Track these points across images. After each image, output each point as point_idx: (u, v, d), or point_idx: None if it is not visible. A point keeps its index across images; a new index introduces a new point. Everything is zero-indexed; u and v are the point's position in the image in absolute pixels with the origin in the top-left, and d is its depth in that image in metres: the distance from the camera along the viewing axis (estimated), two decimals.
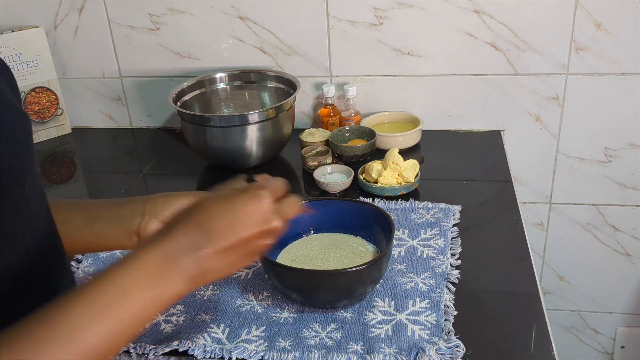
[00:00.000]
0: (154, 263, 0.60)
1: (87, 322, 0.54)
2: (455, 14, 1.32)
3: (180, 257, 0.61)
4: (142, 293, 0.58)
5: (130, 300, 0.57)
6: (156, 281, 0.59)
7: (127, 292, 0.58)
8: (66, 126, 1.57)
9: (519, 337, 0.83)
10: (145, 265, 0.60)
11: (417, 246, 1.01)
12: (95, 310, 0.55)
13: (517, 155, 1.41)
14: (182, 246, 0.61)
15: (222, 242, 0.63)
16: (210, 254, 0.62)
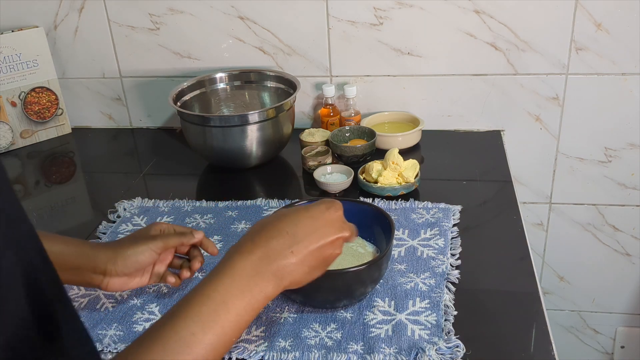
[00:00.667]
0: (248, 271, 0.64)
1: (193, 336, 0.58)
2: (455, 14, 1.32)
3: (270, 263, 0.65)
4: (240, 301, 0.63)
5: (230, 310, 0.62)
6: (251, 288, 0.64)
7: (227, 302, 0.62)
8: (66, 126, 1.57)
9: (519, 337, 0.83)
10: (240, 273, 0.64)
11: (417, 246, 1.01)
12: (200, 324, 0.59)
13: (517, 155, 1.41)
14: (271, 251, 0.66)
15: (306, 246, 0.67)
16: (295, 257, 0.66)
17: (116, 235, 1.10)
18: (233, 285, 0.63)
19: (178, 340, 0.57)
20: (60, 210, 1.26)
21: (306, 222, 0.69)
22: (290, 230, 0.68)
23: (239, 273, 0.64)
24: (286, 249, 0.66)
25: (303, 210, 0.71)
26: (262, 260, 0.65)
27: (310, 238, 0.68)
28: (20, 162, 1.46)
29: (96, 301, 0.94)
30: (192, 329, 0.59)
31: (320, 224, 0.69)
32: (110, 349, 0.84)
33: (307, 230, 0.68)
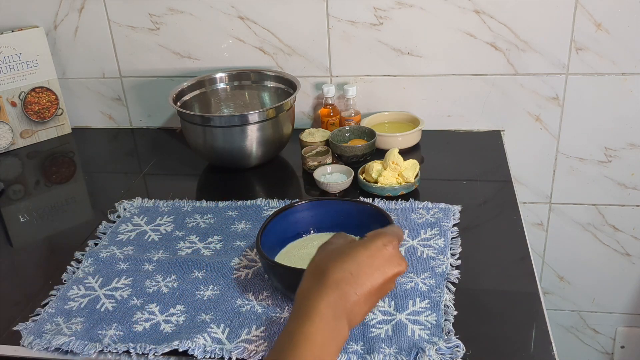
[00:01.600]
0: (331, 314, 0.64)
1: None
2: (455, 14, 1.32)
3: (344, 306, 0.65)
4: (331, 347, 0.64)
5: (327, 351, 0.63)
6: (337, 331, 0.64)
7: (325, 345, 0.63)
8: (66, 126, 1.57)
9: (519, 337, 0.83)
10: (325, 318, 0.64)
11: (417, 246, 1.01)
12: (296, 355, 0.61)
13: (517, 155, 1.41)
14: (342, 294, 0.66)
15: (369, 288, 0.67)
16: (360, 300, 0.66)
17: (116, 235, 1.10)
18: (324, 329, 0.64)
19: None
20: (60, 210, 1.26)
21: (367, 261, 0.69)
22: (354, 271, 0.67)
23: (325, 319, 0.64)
24: (352, 291, 0.66)
25: (362, 249, 0.70)
26: (337, 302, 0.65)
27: (371, 279, 0.68)
28: (20, 162, 1.46)
29: (96, 301, 0.94)
30: None
31: (379, 262, 0.69)
32: (110, 349, 0.84)
33: (368, 271, 0.68)
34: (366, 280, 0.67)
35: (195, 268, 0.99)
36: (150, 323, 0.89)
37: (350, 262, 0.68)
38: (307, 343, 0.62)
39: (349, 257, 0.69)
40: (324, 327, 0.63)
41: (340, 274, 0.67)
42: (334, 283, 0.66)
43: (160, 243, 1.07)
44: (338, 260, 0.68)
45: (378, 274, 0.68)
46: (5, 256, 1.11)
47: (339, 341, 0.65)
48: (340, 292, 0.66)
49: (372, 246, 0.70)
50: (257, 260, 1.00)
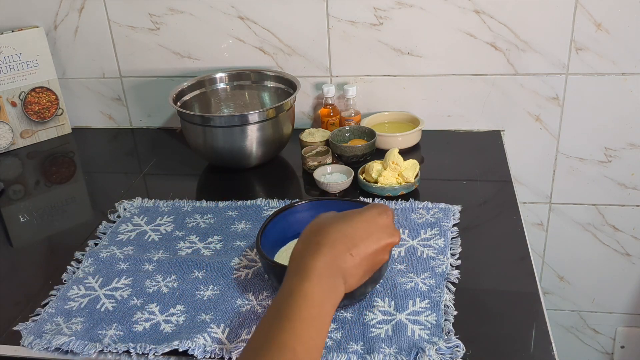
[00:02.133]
0: (328, 272, 0.66)
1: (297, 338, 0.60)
2: (455, 14, 1.32)
3: (339, 264, 0.67)
4: (328, 304, 0.65)
5: (324, 309, 0.64)
6: (333, 288, 0.66)
7: (323, 302, 0.64)
8: (66, 126, 1.57)
9: (519, 337, 0.83)
10: (322, 276, 0.65)
11: (417, 246, 1.01)
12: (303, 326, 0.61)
13: (517, 155, 1.41)
14: (337, 253, 0.67)
15: (363, 250, 0.69)
16: (354, 261, 0.68)
17: (116, 235, 1.10)
18: (321, 286, 0.65)
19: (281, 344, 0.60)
20: (60, 210, 1.26)
21: (362, 225, 0.71)
22: (349, 233, 0.69)
23: (322, 276, 0.65)
24: (346, 251, 0.68)
25: (358, 214, 0.72)
26: (333, 261, 0.67)
27: (366, 242, 0.69)
28: (20, 162, 1.46)
29: (96, 301, 0.94)
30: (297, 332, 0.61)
31: (374, 228, 0.71)
32: (110, 349, 0.84)
33: (363, 235, 0.70)
34: (360, 242, 0.69)
35: (195, 268, 0.99)
36: (150, 323, 0.89)
37: (346, 225, 0.70)
38: (306, 300, 0.63)
39: (344, 220, 0.71)
40: (322, 285, 0.64)
41: (336, 234, 0.69)
42: (329, 242, 0.68)
43: (160, 243, 1.07)
44: (334, 223, 0.70)
45: (372, 239, 0.70)
46: (5, 256, 1.11)
47: (336, 299, 0.66)
48: (336, 252, 0.67)
49: (367, 213, 0.72)
50: (257, 260, 1.00)
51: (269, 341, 0.60)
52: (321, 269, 0.66)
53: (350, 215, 0.72)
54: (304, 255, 0.68)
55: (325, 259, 0.66)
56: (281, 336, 0.60)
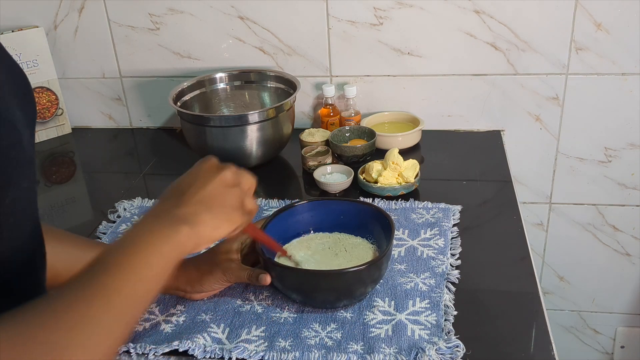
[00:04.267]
0: (151, 219, 0.65)
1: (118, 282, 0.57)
2: (455, 14, 1.32)
3: (170, 210, 0.66)
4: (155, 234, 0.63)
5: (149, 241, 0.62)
6: (160, 227, 0.64)
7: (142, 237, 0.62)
8: (66, 126, 1.57)
9: (519, 337, 0.83)
10: (145, 221, 0.65)
11: (417, 246, 1.01)
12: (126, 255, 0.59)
13: (517, 155, 1.41)
14: (165, 207, 0.67)
15: (193, 193, 0.68)
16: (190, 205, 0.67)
17: (116, 235, 1.10)
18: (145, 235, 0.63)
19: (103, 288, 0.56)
20: (60, 210, 1.26)
21: (184, 177, 0.72)
22: (175, 188, 0.70)
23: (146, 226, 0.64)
24: (178, 201, 0.68)
25: (185, 173, 0.74)
26: (159, 214, 0.66)
27: (194, 186, 0.69)
28: None
29: None
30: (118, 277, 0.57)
31: (198, 173, 0.71)
32: None
33: (188, 181, 0.70)
34: (188, 188, 0.69)
35: None
36: (150, 323, 0.89)
37: (171, 185, 0.72)
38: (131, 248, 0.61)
39: (172, 183, 0.72)
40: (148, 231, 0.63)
41: (162, 197, 0.70)
42: (160, 200, 0.69)
43: None
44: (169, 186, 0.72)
45: (199, 181, 0.70)
46: None
47: (175, 241, 0.63)
48: (162, 206, 0.67)
49: (193, 167, 0.73)
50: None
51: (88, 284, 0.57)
52: (147, 219, 0.65)
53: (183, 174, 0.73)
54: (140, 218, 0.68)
55: (152, 212, 0.67)
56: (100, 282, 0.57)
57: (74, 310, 0.53)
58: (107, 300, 0.55)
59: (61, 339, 0.50)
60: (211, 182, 0.70)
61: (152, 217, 0.66)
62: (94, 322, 0.53)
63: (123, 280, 0.57)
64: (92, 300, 0.54)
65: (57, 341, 0.50)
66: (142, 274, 0.59)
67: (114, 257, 0.59)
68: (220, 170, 0.72)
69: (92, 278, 0.57)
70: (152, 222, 0.65)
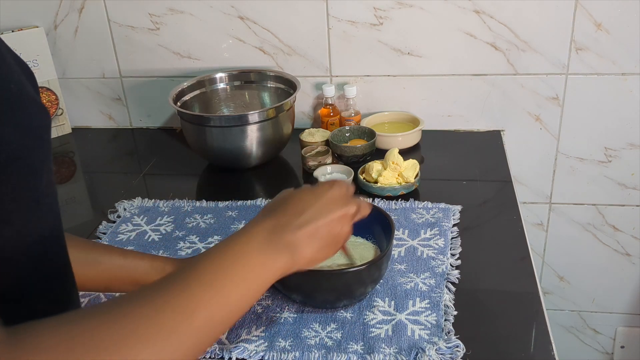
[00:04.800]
0: (262, 236, 0.63)
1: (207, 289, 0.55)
2: (455, 14, 1.32)
3: (282, 234, 0.64)
4: (255, 260, 0.61)
5: (245, 264, 0.60)
6: (265, 251, 0.62)
7: (241, 257, 0.60)
8: (66, 126, 1.57)
9: (519, 337, 0.83)
10: (254, 236, 0.63)
11: (417, 246, 1.01)
12: (214, 277, 0.57)
13: (517, 155, 1.41)
14: (281, 224, 0.66)
15: (312, 221, 0.67)
16: (303, 231, 0.66)
17: (116, 236, 1.10)
18: (248, 245, 0.62)
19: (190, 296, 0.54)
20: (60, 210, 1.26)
21: (311, 199, 0.70)
22: (298, 207, 0.68)
23: (253, 237, 0.63)
24: (294, 222, 0.66)
25: (308, 190, 0.72)
26: (274, 230, 0.65)
27: (315, 214, 0.68)
28: None
29: (96, 301, 0.94)
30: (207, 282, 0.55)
31: (324, 201, 0.70)
32: None
33: (311, 205, 0.69)
34: (309, 214, 0.67)
35: None
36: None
37: (294, 200, 0.69)
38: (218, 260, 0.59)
39: (294, 196, 0.70)
40: (252, 249, 0.62)
41: (282, 209, 0.68)
42: (273, 214, 0.67)
43: (160, 243, 1.07)
44: (283, 200, 0.70)
45: (322, 211, 0.68)
46: None
47: (272, 270, 0.62)
48: (278, 221, 0.66)
49: (318, 188, 0.72)
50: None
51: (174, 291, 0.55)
52: (257, 232, 0.64)
53: (302, 191, 0.71)
54: (244, 227, 0.66)
55: (264, 225, 0.65)
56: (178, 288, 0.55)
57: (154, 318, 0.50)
58: (191, 314, 0.53)
59: (132, 349, 0.48)
60: (331, 215, 0.69)
61: (266, 231, 0.64)
62: (174, 334, 0.51)
63: (211, 298, 0.55)
64: (175, 311, 0.52)
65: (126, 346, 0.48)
66: (234, 296, 0.57)
67: (210, 269, 0.57)
68: (345, 205, 0.71)
69: (182, 288, 0.54)
70: (261, 240, 0.63)
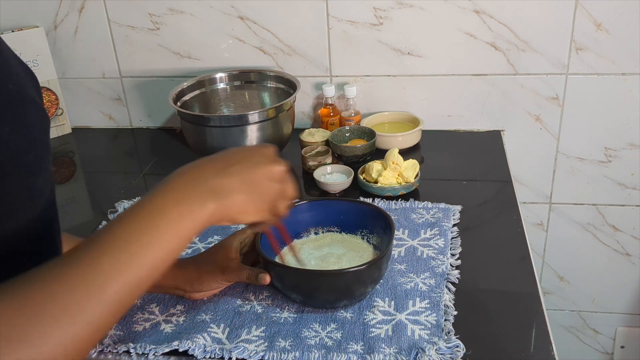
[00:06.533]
0: (183, 183, 0.61)
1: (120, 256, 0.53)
2: (455, 14, 1.32)
3: (205, 180, 0.62)
4: (179, 208, 0.58)
5: (168, 215, 0.57)
6: (188, 197, 0.60)
7: (164, 208, 0.58)
8: (66, 126, 1.57)
9: (519, 337, 0.83)
10: (174, 186, 0.60)
11: (417, 246, 1.01)
12: (127, 240, 0.55)
13: (517, 155, 1.41)
14: (204, 170, 0.63)
15: (241, 169, 0.65)
16: (231, 178, 0.64)
17: None
18: (170, 194, 0.59)
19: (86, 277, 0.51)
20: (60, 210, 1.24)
21: (237, 151, 0.69)
22: (223, 157, 0.67)
23: (174, 187, 0.60)
24: (222, 170, 0.64)
25: (236, 148, 0.71)
26: (196, 179, 0.62)
27: (243, 163, 0.66)
28: None
29: None
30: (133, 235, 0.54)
31: (253, 153, 0.69)
32: (110, 349, 0.84)
33: (240, 158, 0.67)
34: (237, 163, 0.66)
35: None
36: (150, 323, 0.89)
37: (220, 154, 0.68)
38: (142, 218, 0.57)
39: (222, 152, 0.69)
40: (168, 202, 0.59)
41: (207, 160, 0.66)
42: (196, 166, 0.65)
43: None
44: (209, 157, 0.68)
45: (251, 162, 0.67)
46: None
47: (196, 219, 0.59)
48: (202, 170, 0.64)
49: (247, 146, 0.72)
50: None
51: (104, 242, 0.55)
52: (175, 182, 0.61)
53: (230, 149, 0.70)
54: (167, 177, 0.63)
55: (184, 177, 0.62)
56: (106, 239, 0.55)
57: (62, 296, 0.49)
58: (100, 289, 0.51)
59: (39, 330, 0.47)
60: (261, 168, 0.67)
61: (187, 181, 0.61)
62: (82, 312, 0.49)
63: (126, 264, 0.53)
64: (85, 286, 0.50)
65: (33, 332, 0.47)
66: (151, 256, 0.55)
67: (125, 230, 0.55)
68: (273, 162, 0.69)
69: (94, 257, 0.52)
70: (182, 190, 0.60)
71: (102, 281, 0.51)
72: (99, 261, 0.52)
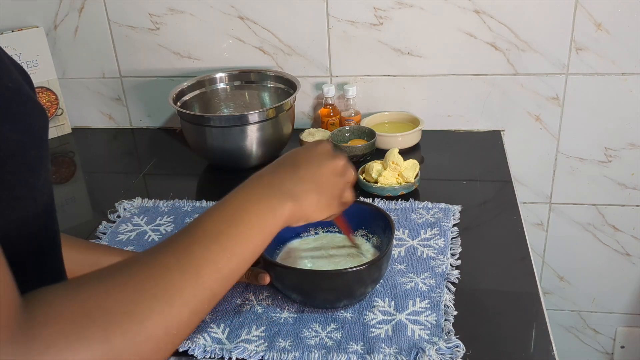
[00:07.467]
0: (260, 187, 0.66)
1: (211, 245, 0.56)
2: (455, 14, 1.32)
3: (281, 185, 0.67)
4: (258, 207, 0.63)
5: (253, 211, 0.62)
6: (268, 199, 0.65)
7: (248, 205, 0.62)
8: (66, 126, 1.57)
9: (519, 337, 0.83)
10: (254, 189, 0.65)
11: (417, 246, 1.01)
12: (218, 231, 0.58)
13: (517, 155, 1.41)
14: (278, 177, 0.68)
15: (310, 171, 0.71)
16: (304, 182, 0.69)
17: (116, 235, 1.10)
18: (251, 194, 0.64)
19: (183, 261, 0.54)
20: (60, 210, 1.26)
21: (301, 153, 0.74)
22: (292, 160, 0.72)
23: (254, 188, 0.65)
24: (293, 174, 0.69)
25: (297, 149, 0.75)
26: (272, 183, 0.67)
27: (310, 165, 0.71)
28: None
29: None
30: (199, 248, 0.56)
31: (315, 153, 0.74)
32: None
33: (305, 159, 0.72)
34: (305, 165, 0.71)
35: None
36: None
37: (286, 157, 0.73)
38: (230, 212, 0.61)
39: (285, 156, 0.74)
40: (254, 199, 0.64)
41: (277, 166, 0.71)
42: (269, 172, 0.70)
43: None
44: (275, 161, 0.73)
45: (316, 161, 0.72)
46: None
47: (277, 216, 0.64)
48: (276, 176, 0.68)
49: (304, 145, 0.76)
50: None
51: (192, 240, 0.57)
52: (252, 188, 0.66)
53: (291, 150, 0.75)
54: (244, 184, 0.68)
55: (262, 182, 0.67)
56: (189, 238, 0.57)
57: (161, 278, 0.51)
58: (197, 272, 0.54)
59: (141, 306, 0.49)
60: (325, 166, 0.72)
61: (264, 185, 0.66)
62: (179, 293, 0.52)
63: (217, 253, 0.56)
64: (182, 269, 0.53)
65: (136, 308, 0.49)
66: (239, 248, 0.59)
67: (214, 224, 0.59)
68: (334, 158, 0.74)
69: (187, 245, 0.56)
70: (261, 191, 0.65)
71: (196, 267, 0.54)
72: (192, 249, 0.55)
